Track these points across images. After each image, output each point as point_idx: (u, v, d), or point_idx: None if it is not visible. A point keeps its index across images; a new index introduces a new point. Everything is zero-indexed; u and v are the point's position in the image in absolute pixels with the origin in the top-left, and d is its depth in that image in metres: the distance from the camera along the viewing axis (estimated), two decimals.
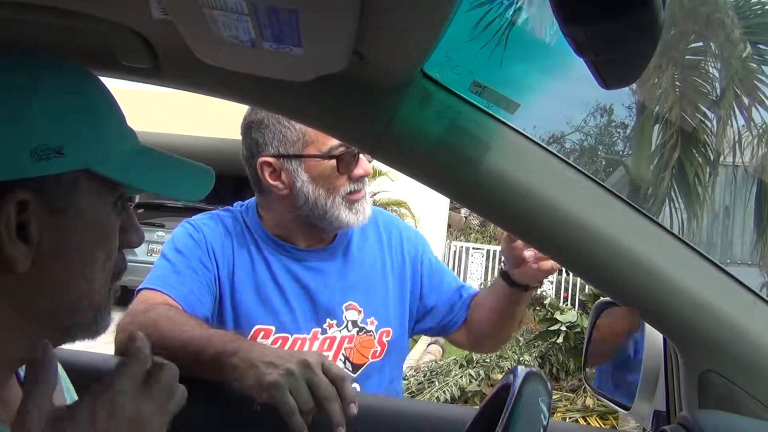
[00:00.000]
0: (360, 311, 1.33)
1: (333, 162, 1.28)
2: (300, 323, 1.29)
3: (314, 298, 1.31)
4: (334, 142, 1.26)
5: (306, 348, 1.28)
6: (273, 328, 1.28)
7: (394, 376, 1.40)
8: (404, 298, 1.40)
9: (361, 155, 1.30)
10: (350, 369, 1.31)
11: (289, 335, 1.28)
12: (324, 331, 1.30)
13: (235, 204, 1.42)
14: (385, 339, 1.35)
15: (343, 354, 1.31)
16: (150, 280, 1.23)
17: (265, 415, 0.95)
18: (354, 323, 1.33)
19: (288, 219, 1.34)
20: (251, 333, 1.26)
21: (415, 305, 1.43)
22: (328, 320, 1.31)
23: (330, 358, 1.28)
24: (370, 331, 1.34)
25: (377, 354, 1.34)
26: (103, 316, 0.63)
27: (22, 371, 0.68)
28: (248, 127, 1.33)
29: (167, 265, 1.25)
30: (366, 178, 1.32)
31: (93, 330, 0.63)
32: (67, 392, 0.75)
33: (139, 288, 1.23)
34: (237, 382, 1.00)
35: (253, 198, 1.41)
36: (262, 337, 1.27)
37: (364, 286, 1.35)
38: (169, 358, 1.07)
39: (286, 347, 1.27)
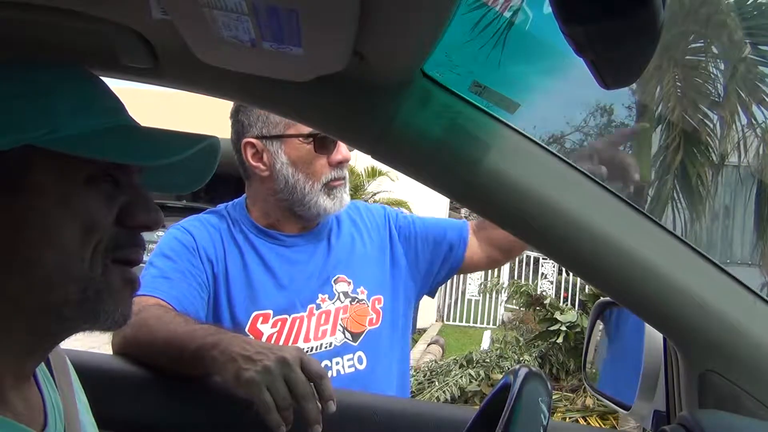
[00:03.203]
0: (349, 282, 1.37)
1: (312, 145, 1.31)
2: (296, 303, 1.31)
3: (306, 276, 1.34)
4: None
5: (304, 326, 1.30)
6: (270, 311, 1.30)
7: (399, 346, 1.43)
8: (386, 266, 1.44)
9: (340, 142, 1.33)
10: (350, 338, 1.34)
11: (287, 316, 1.30)
12: (318, 306, 1.33)
13: (219, 205, 1.44)
14: (378, 306, 1.39)
15: (340, 324, 1.34)
16: (140, 288, 1.24)
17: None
18: (345, 294, 1.36)
19: (271, 204, 1.37)
20: (251, 320, 1.28)
21: (418, 268, 1.49)
22: (320, 295, 1.34)
23: (329, 329, 1.32)
24: (362, 299, 1.38)
25: (374, 321, 1.37)
26: (100, 291, 0.62)
27: (39, 370, 0.68)
28: (236, 110, 1.36)
29: (155, 272, 1.26)
30: (345, 166, 1.36)
31: (91, 314, 0.62)
32: (78, 393, 0.76)
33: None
34: (217, 375, 1.01)
35: (243, 196, 1.44)
36: (262, 322, 1.28)
37: (350, 259, 1.40)
38: (157, 356, 1.08)
39: (286, 328, 1.29)
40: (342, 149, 1.34)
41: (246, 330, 1.27)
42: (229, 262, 1.32)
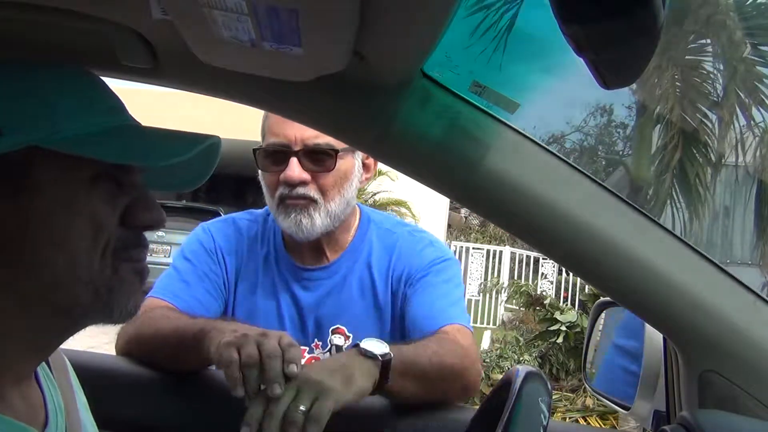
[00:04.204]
0: (348, 336, 1.28)
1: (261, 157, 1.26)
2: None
3: (305, 317, 1.29)
4: (274, 139, 1.23)
5: None
6: None
7: None
8: (397, 321, 1.30)
9: (292, 160, 1.22)
10: None
11: None
12: (311, 350, 1.29)
13: (266, 207, 1.39)
14: None
15: None
16: (156, 289, 1.24)
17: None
18: (338, 348, 1.28)
19: None
20: None
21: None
22: (315, 340, 1.29)
23: None
24: None
25: None
26: (112, 289, 0.62)
27: (40, 369, 0.68)
28: None
29: (174, 274, 1.27)
30: (302, 187, 1.23)
31: (104, 310, 0.62)
32: (77, 392, 0.76)
33: (147, 295, 1.23)
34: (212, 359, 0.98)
35: None
36: None
37: (358, 310, 1.29)
38: (159, 351, 1.09)
39: None
40: (288, 168, 1.22)
41: None
42: (243, 272, 1.31)
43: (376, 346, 1.01)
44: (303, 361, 1.23)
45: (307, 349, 1.29)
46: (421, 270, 1.28)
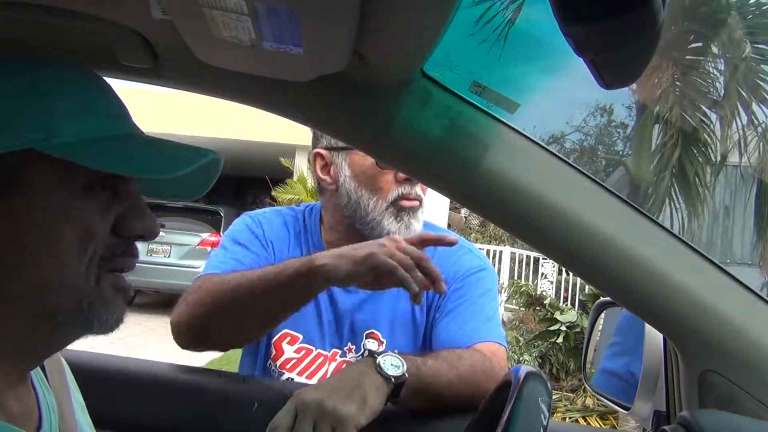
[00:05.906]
0: (382, 342, 1.26)
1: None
2: (326, 340, 1.26)
3: (342, 319, 1.27)
4: None
5: (324, 367, 1.25)
6: (300, 336, 1.26)
7: None
8: (429, 331, 1.27)
9: None
10: None
11: (313, 348, 1.26)
12: (343, 354, 1.27)
13: (302, 204, 1.38)
14: None
15: None
16: (208, 268, 1.21)
17: (261, 414, 0.95)
18: (371, 353, 1.20)
19: (337, 221, 1.29)
20: (280, 334, 1.25)
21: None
22: (349, 344, 1.27)
23: None
24: None
25: None
26: (93, 302, 0.62)
27: (34, 373, 0.68)
28: None
29: (225, 254, 1.24)
30: (416, 186, 1.22)
31: (85, 320, 0.62)
32: (74, 392, 0.75)
33: (197, 277, 1.20)
34: (326, 281, 1.00)
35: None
36: (288, 342, 1.25)
37: (395, 317, 1.27)
38: (248, 296, 1.04)
39: (308, 358, 1.25)
40: None
41: (272, 342, 1.25)
42: None
43: (393, 365, 1.00)
44: (334, 365, 1.24)
45: (340, 352, 1.27)
46: (456, 280, 1.26)
